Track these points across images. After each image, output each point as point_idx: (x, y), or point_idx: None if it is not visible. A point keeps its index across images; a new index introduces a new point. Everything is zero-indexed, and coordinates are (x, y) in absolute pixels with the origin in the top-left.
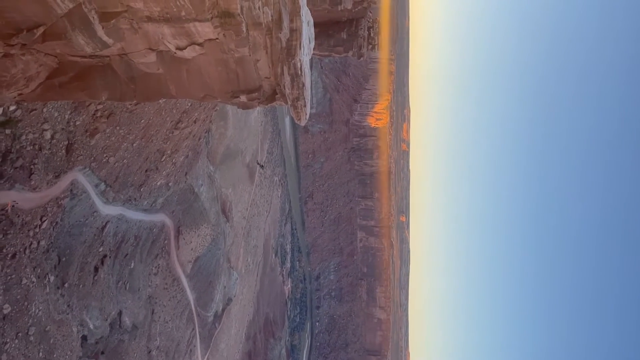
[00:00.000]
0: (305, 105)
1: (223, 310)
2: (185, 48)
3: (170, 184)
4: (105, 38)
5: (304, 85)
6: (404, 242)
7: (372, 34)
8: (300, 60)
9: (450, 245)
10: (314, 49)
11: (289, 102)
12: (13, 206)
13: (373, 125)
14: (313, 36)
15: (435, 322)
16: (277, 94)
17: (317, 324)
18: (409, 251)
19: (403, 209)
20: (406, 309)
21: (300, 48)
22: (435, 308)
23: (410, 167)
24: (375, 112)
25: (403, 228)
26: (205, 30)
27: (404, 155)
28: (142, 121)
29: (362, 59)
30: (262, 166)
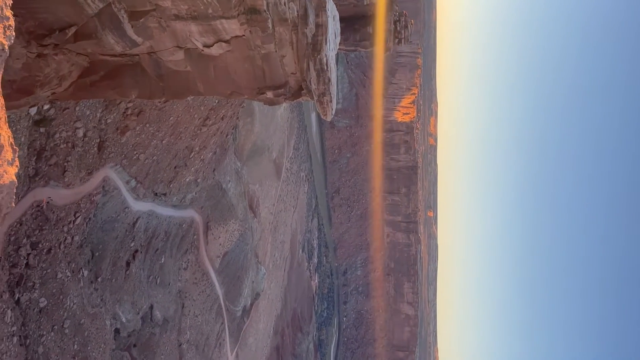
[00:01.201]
0: (331, 101)
1: (251, 304)
2: (212, 45)
3: (198, 180)
4: (134, 37)
5: (330, 80)
6: (432, 237)
7: (398, 28)
8: (326, 55)
9: (479, 241)
10: (339, 43)
11: (315, 98)
12: (48, 202)
13: (400, 119)
14: (339, 31)
15: (464, 319)
16: (303, 89)
17: (345, 319)
18: (436, 247)
19: (430, 204)
20: (434, 305)
21: (326, 43)
22: (464, 304)
23: (438, 162)
24: (402, 107)
25: (431, 223)
26: (231, 27)
27: (432, 149)
28: (171, 118)
29: (388, 52)
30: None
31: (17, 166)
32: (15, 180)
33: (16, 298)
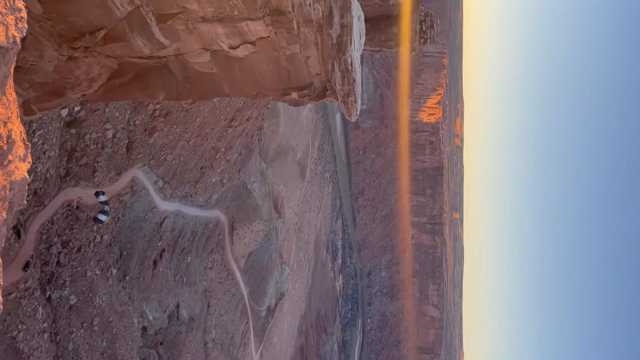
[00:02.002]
0: (355, 101)
1: (276, 304)
2: (238, 47)
3: (224, 181)
4: (162, 39)
5: (354, 81)
6: (458, 239)
7: (424, 28)
8: (350, 55)
9: (507, 243)
10: (364, 44)
11: (340, 98)
12: (78, 202)
13: (425, 120)
14: (364, 31)
15: (491, 323)
16: (327, 90)
17: (369, 320)
18: (462, 249)
19: (456, 205)
20: (460, 308)
21: (350, 44)
22: (491, 308)
23: (464, 163)
24: (428, 107)
25: (456, 225)
26: (257, 28)
27: (458, 150)
28: (198, 120)
29: (414, 53)
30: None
31: (29, 162)
32: (27, 176)
33: (47, 295)
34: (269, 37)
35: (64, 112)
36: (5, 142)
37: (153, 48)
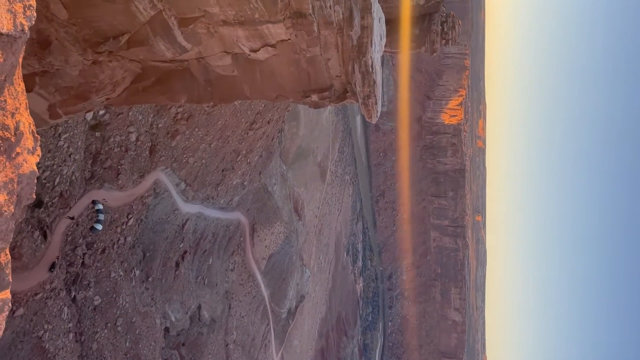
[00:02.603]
0: (376, 103)
1: (296, 307)
2: (258, 50)
3: (245, 183)
4: (184, 43)
5: (375, 82)
6: (480, 242)
7: (445, 29)
8: (371, 57)
9: (531, 246)
10: (385, 46)
11: (360, 100)
12: (103, 204)
13: (447, 122)
14: (385, 33)
15: (515, 327)
16: (348, 92)
17: (390, 323)
18: (485, 252)
19: (479, 208)
20: (483, 312)
21: (371, 45)
22: (514, 312)
23: (487, 165)
24: (449, 109)
25: (479, 228)
26: (277, 31)
27: (480, 152)
28: (219, 122)
29: (435, 54)
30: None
31: (38, 155)
32: (36, 170)
33: (72, 296)
34: (289, 39)
35: (89, 115)
36: (13, 133)
37: (175, 52)
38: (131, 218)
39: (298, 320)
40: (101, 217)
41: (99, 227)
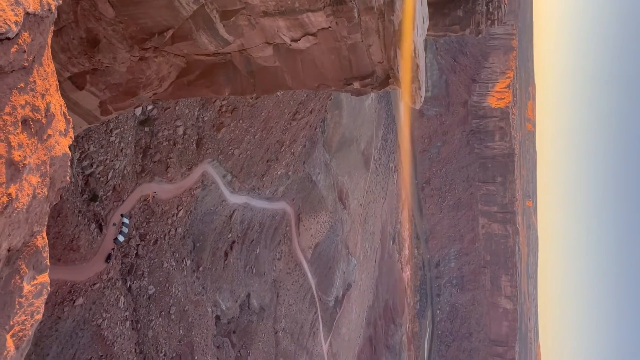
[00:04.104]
0: (419, 88)
1: (343, 295)
2: (299, 39)
3: (289, 173)
4: (226, 36)
5: (418, 67)
6: (531, 228)
7: (490, 9)
8: (413, 41)
9: (585, 231)
10: (428, 29)
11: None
12: (154, 197)
13: (494, 105)
14: (427, 16)
15: (570, 315)
16: (390, 78)
17: (438, 312)
18: (537, 238)
19: (529, 193)
20: (535, 300)
21: (413, 29)
22: (569, 299)
23: (537, 148)
24: (496, 92)
25: (530, 213)
26: (318, 19)
27: (530, 135)
28: (262, 114)
29: (480, 35)
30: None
31: (70, 137)
32: (69, 152)
33: (128, 285)
34: (329, 27)
35: (138, 111)
36: (43, 115)
37: (218, 45)
38: (181, 210)
39: (345, 308)
40: (125, 230)
41: (122, 238)
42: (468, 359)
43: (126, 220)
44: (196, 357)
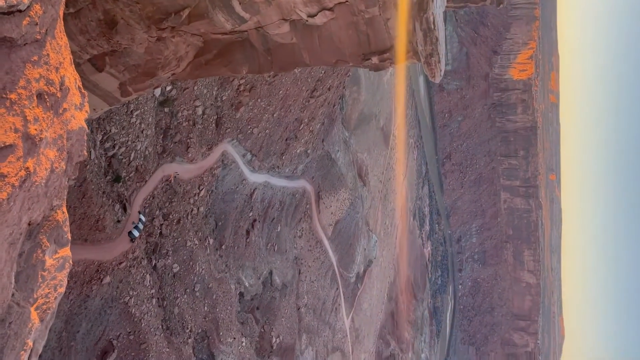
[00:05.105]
0: (439, 62)
1: (364, 271)
2: (316, 15)
3: (308, 151)
4: (242, 13)
5: (437, 40)
6: (555, 202)
7: None
8: (433, 14)
9: (610, 204)
10: (447, 1)
11: (422, 59)
12: (175, 177)
13: (516, 77)
14: None
15: (594, 288)
16: (409, 52)
17: (460, 287)
18: (560, 211)
19: (553, 166)
20: (558, 274)
21: (432, 1)
22: (593, 272)
23: (561, 121)
24: (518, 63)
25: (553, 187)
26: None
27: (553, 107)
28: (280, 92)
29: (501, 6)
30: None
31: (86, 111)
32: (85, 126)
33: (153, 264)
34: (346, 1)
35: (157, 92)
36: (58, 89)
37: (234, 23)
38: (202, 189)
39: (367, 284)
40: (140, 226)
41: (136, 233)
42: (490, 332)
43: (142, 218)
44: (221, 333)
